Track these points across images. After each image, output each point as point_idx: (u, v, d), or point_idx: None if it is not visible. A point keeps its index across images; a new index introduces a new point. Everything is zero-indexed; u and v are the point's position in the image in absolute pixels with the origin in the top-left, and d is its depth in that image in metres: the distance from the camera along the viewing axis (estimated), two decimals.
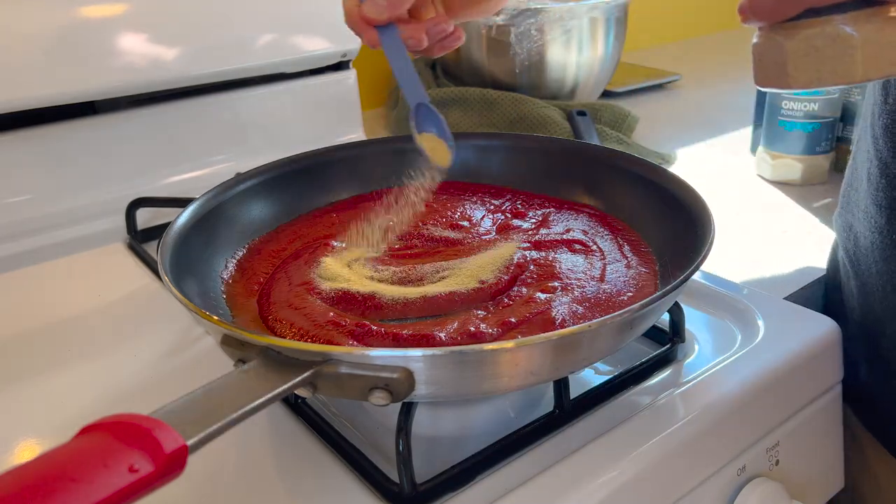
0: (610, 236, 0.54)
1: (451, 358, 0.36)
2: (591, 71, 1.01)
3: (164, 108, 0.79)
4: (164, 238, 0.47)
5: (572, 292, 0.47)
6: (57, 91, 0.71)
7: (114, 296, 0.62)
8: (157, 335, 0.56)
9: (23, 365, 0.54)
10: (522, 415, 0.46)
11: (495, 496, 0.39)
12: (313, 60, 0.87)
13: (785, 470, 0.50)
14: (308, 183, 0.61)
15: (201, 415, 0.30)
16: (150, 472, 0.26)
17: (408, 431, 0.38)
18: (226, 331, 0.37)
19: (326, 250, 0.53)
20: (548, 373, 0.40)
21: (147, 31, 0.75)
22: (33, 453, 0.44)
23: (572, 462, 0.41)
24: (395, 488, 0.39)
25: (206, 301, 0.47)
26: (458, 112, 0.96)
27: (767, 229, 0.71)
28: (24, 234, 0.71)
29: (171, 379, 0.51)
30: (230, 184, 0.56)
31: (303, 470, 0.42)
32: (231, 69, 0.81)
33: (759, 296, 0.56)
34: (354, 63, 0.91)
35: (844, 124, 0.81)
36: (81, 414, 0.47)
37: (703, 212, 0.47)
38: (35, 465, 0.25)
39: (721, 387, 0.47)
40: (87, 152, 0.75)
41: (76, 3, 0.72)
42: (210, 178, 0.75)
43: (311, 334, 0.43)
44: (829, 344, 0.52)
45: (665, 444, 0.43)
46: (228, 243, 0.54)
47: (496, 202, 0.60)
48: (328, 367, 0.35)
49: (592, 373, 0.50)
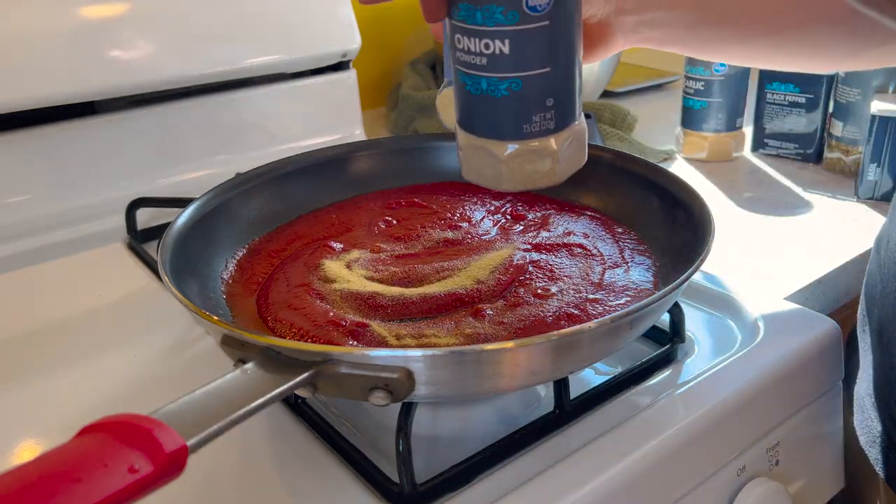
0: (610, 239, 0.54)
1: (451, 358, 0.36)
2: (591, 71, 1.01)
3: (164, 108, 0.79)
4: (164, 238, 0.47)
5: (571, 294, 0.47)
6: (57, 91, 0.71)
7: (114, 296, 0.62)
8: (157, 335, 0.56)
9: (23, 365, 0.54)
10: (522, 415, 0.46)
11: (495, 496, 0.39)
12: (313, 60, 0.87)
13: (785, 470, 0.50)
14: (308, 183, 0.61)
15: (201, 415, 0.30)
16: (149, 472, 0.26)
17: (408, 431, 0.38)
18: (226, 331, 0.37)
19: (326, 251, 0.53)
20: (548, 373, 0.40)
21: (147, 31, 0.75)
22: (33, 453, 0.44)
23: (572, 462, 0.41)
24: (395, 488, 0.39)
25: (206, 301, 0.47)
26: None
27: (768, 229, 0.71)
28: (24, 234, 0.71)
29: (171, 379, 0.51)
30: (230, 184, 0.56)
31: (303, 470, 0.42)
32: (231, 69, 0.81)
33: (759, 296, 0.56)
34: (354, 63, 0.91)
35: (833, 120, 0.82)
36: (81, 414, 0.47)
37: (702, 212, 0.47)
38: (35, 465, 0.25)
39: (721, 387, 0.47)
40: (87, 152, 0.75)
41: (76, 3, 0.72)
42: (210, 178, 0.75)
43: (311, 334, 0.43)
44: (829, 344, 0.52)
45: (665, 444, 0.43)
46: (228, 243, 0.54)
47: (496, 203, 0.60)
48: (328, 367, 0.35)
49: (592, 373, 0.50)
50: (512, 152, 0.40)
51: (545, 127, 0.40)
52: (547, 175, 0.41)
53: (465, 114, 0.42)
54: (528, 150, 0.40)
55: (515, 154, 0.40)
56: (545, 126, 0.40)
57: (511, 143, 0.40)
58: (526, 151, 0.40)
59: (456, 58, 0.40)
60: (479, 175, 0.43)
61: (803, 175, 0.83)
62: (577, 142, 0.42)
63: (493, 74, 0.38)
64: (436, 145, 0.64)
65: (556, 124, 0.40)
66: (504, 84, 0.38)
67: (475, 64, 0.39)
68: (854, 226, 0.71)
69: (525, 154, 0.40)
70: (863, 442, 0.52)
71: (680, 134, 0.90)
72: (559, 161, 0.41)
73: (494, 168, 0.41)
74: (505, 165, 0.41)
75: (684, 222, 0.49)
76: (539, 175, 0.41)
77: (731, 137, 0.87)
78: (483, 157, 0.41)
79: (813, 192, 0.79)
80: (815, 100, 0.83)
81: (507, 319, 0.44)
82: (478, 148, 0.41)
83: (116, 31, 0.73)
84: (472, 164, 0.42)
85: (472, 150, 0.42)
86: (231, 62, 0.80)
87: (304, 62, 0.86)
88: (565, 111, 0.40)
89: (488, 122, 0.40)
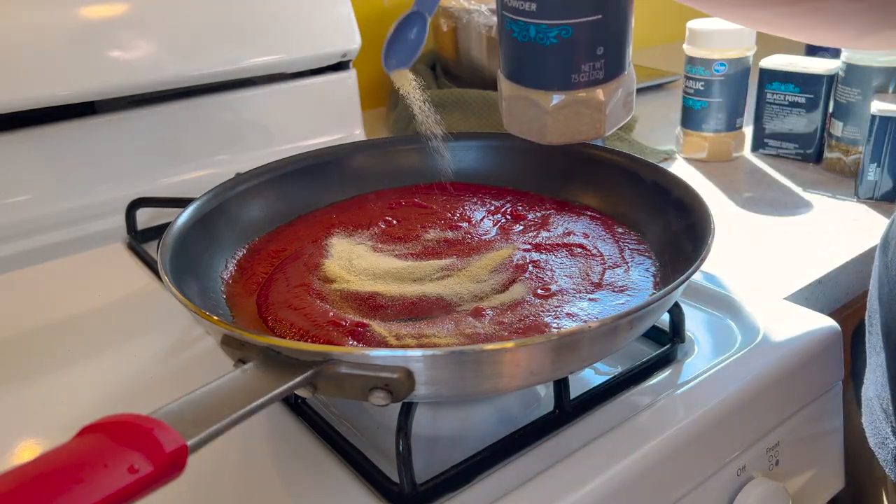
0: (610, 239, 0.54)
1: (451, 358, 0.36)
2: None
3: (164, 108, 0.79)
4: (164, 238, 0.47)
5: (571, 294, 0.47)
6: (57, 91, 0.71)
7: (114, 296, 0.62)
8: (157, 335, 0.56)
9: (23, 365, 0.54)
10: (522, 415, 0.46)
11: (495, 496, 0.39)
12: (313, 60, 0.87)
13: (785, 470, 0.50)
14: (308, 183, 0.61)
15: (201, 415, 0.30)
16: (149, 472, 0.26)
17: (408, 431, 0.38)
18: (226, 331, 0.37)
19: (326, 251, 0.53)
20: (548, 373, 0.40)
21: (147, 31, 0.75)
22: (33, 453, 0.44)
23: (572, 462, 0.41)
24: (395, 488, 0.39)
25: (206, 301, 0.47)
26: (458, 114, 0.96)
27: (768, 229, 0.71)
28: (24, 234, 0.71)
29: (171, 379, 0.51)
30: (230, 184, 0.56)
31: (303, 470, 0.42)
32: (231, 69, 0.81)
33: (758, 296, 0.56)
34: (354, 63, 0.91)
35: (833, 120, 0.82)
36: (81, 414, 0.47)
37: (702, 212, 0.47)
38: (35, 465, 0.25)
39: (721, 387, 0.47)
40: (87, 152, 0.75)
41: (76, 3, 0.72)
42: (210, 178, 0.75)
43: (310, 334, 0.43)
44: (829, 344, 0.52)
45: (665, 444, 0.43)
46: (228, 243, 0.54)
47: (496, 203, 0.60)
48: (328, 367, 0.35)
49: (592, 373, 0.50)
50: (558, 103, 0.38)
51: (594, 77, 0.38)
52: (593, 127, 0.40)
53: (510, 63, 0.39)
54: (575, 101, 0.38)
55: (562, 105, 0.38)
56: (594, 76, 0.38)
57: (558, 93, 0.38)
58: (573, 102, 0.38)
59: (503, 3, 0.38)
60: (522, 127, 0.41)
61: (803, 175, 0.83)
62: (625, 94, 0.40)
63: (543, 21, 0.36)
64: (436, 145, 0.64)
65: (606, 74, 0.38)
66: (553, 31, 0.36)
67: (524, 10, 0.36)
68: (854, 226, 0.71)
69: (572, 105, 0.38)
70: (872, 444, 0.52)
71: (680, 134, 0.90)
72: (606, 113, 0.40)
73: (539, 120, 0.39)
74: (550, 117, 0.39)
75: (684, 222, 0.49)
76: (585, 127, 0.39)
77: (731, 137, 0.87)
78: (527, 108, 0.39)
79: (813, 192, 0.79)
80: (815, 100, 0.83)
81: (507, 319, 0.44)
82: (522, 98, 0.39)
83: (116, 31, 0.73)
84: (515, 115, 0.40)
85: (515, 101, 0.40)
86: (231, 62, 0.80)
87: (304, 62, 0.86)
88: (615, 60, 0.38)
89: (535, 71, 0.38)
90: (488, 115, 0.95)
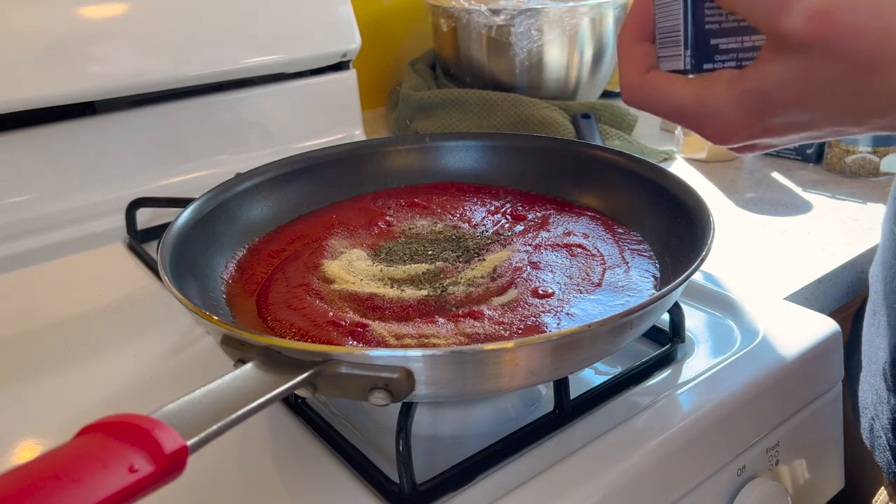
0: (610, 239, 0.54)
1: (451, 358, 0.36)
2: (592, 71, 1.01)
3: (164, 108, 0.79)
4: (164, 238, 0.47)
5: (571, 294, 0.47)
6: (57, 91, 0.71)
7: (114, 296, 0.62)
8: (157, 335, 0.56)
9: (23, 365, 0.54)
10: (522, 415, 0.46)
11: (495, 496, 0.39)
12: (313, 60, 0.87)
13: (785, 470, 0.50)
14: (308, 183, 0.61)
15: (201, 415, 0.30)
16: (149, 472, 0.26)
17: (408, 431, 0.38)
18: (226, 331, 0.37)
19: (326, 251, 0.53)
20: (548, 373, 0.40)
21: (147, 31, 0.75)
22: (33, 453, 0.44)
23: (572, 462, 0.41)
24: (395, 488, 0.39)
25: (206, 301, 0.47)
26: (458, 115, 0.96)
27: (768, 229, 0.71)
28: (24, 234, 0.71)
29: (171, 379, 0.51)
30: (230, 184, 0.56)
31: (303, 470, 0.42)
32: (231, 69, 0.81)
33: (758, 296, 0.56)
34: (354, 63, 0.91)
35: None
36: (81, 414, 0.47)
37: (702, 212, 0.47)
38: (35, 465, 0.25)
39: (721, 387, 0.47)
40: (87, 152, 0.75)
41: (76, 3, 0.72)
42: (210, 178, 0.75)
43: (310, 334, 0.43)
44: (829, 344, 0.52)
45: (665, 444, 0.43)
46: (228, 243, 0.54)
47: (496, 203, 0.60)
48: (328, 367, 0.35)
49: (592, 373, 0.50)
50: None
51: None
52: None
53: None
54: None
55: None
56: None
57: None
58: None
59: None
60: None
61: (803, 175, 0.83)
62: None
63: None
64: (436, 145, 0.64)
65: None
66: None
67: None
68: (854, 226, 0.71)
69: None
70: (869, 444, 0.51)
71: (680, 134, 0.90)
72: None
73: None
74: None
75: (684, 222, 0.49)
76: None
77: None
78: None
79: (813, 192, 0.79)
80: None
81: (507, 319, 0.44)
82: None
83: (116, 31, 0.73)
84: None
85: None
86: (231, 62, 0.80)
87: (304, 62, 0.86)
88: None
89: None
90: (488, 115, 0.95)
